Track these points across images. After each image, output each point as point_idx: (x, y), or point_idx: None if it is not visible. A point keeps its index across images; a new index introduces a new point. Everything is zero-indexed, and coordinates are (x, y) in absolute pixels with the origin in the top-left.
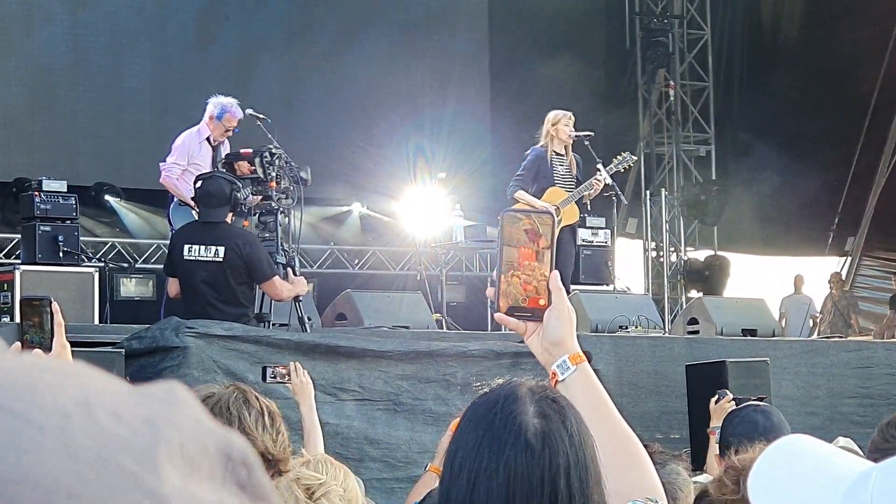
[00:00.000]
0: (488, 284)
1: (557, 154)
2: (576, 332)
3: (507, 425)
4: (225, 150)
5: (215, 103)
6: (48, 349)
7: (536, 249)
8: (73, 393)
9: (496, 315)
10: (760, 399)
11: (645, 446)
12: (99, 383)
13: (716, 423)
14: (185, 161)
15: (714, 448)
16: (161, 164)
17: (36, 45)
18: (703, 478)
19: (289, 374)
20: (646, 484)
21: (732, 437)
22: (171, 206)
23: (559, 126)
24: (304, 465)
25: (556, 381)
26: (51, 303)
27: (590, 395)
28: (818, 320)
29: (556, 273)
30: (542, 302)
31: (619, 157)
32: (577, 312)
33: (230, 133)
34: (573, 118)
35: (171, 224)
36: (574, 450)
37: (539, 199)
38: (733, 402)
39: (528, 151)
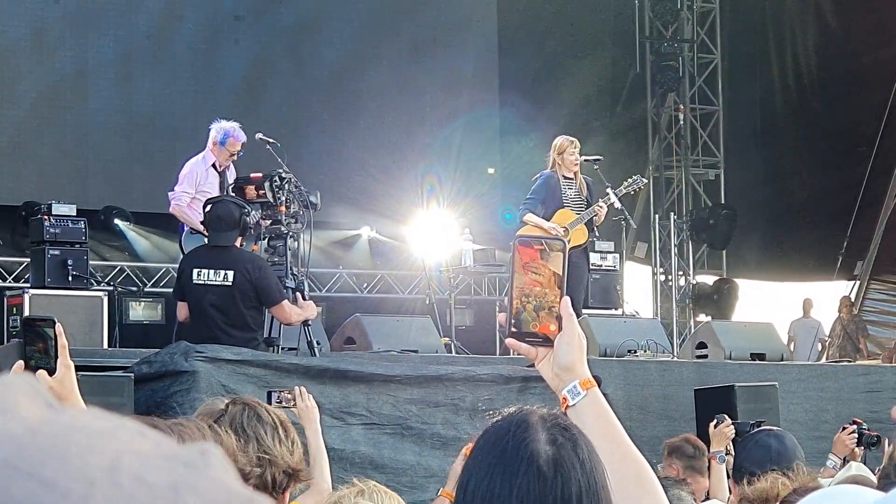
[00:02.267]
0: (497, 310)
1: (566, 178)
2: (586, 358)
3: (519, 453)
4: (231, 175)
5: (218, 129)
6: (52, 371)
7: (548, 275)
8: (103, 457)
9: (507, 340)
10: (758, 423)
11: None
12: (133, 444)
13: (716, 447)
14: (194, 189)
15: (717, 472)
16: (169, 193)
17: (45, 68)
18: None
19: (294, 399)
20: None
21: (747, 462)
22: (184, 234)
23: (564, 155)
24: (360, 495)
25: (567, 407)
26: (54, 324)
27: (600, 420)
28: (827, 344)
29: (566, 299)
30: (552, 327)
31: (628, 179)
32: (585, 336)
33: (234, 157)
34: (578, 145)
35: (183, 252)
36: (586, 477)
37: (549, 221)
38: (733, 427)
39: (536, 175)
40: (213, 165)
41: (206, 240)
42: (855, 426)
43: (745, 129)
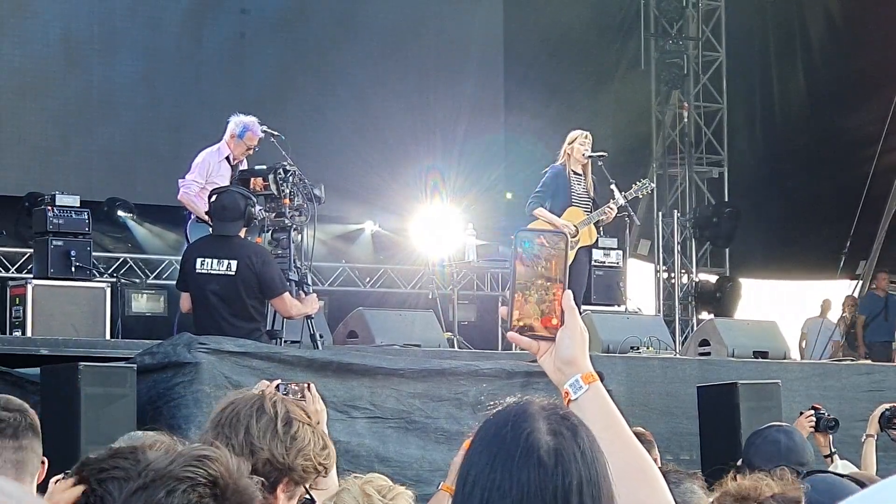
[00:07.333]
0: (499, 304)
1: (575, 173)
2: (588, 352)
3: (520, 443)
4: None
5: (237, 122)
6: None
7: (550, 269)
8: None
9: (508, 334)
10: None
11: (660, 466)
12: None
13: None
14: (204, 179)
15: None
16: (180, 180)
17: (52, 61)
18: None
19: (300, 392)
20: (658, 502)
21: (756, 459)
22: (189, 223)
23: (574, 145)
24: (367, 484)
25: (569, 401)
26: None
27: (602, 414)
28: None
29: (569, 292)
30: (554, 321)
31: (637, 183)
32: (588, 333)
33: (250, 152)
34: (590, 138)
35: (188, 241)
36: (586, 467)
37: (559, 217)
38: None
39: (546, 168)
40: (227, 158)
41: (211, 229)
42: (813, 411)
43: (748, 128)
